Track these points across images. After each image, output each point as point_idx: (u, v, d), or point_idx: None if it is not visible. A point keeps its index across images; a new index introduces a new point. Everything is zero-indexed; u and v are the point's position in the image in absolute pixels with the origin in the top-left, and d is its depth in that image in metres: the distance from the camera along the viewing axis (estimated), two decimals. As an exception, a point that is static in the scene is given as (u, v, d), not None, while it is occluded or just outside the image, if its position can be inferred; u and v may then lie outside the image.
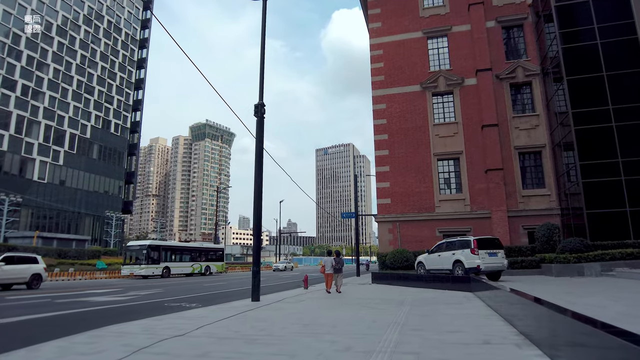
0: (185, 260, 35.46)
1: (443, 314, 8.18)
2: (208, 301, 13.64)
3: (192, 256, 36.40)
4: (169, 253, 33.99)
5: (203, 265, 36.84)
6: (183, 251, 36.18)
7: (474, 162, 24.62)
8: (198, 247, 38.82)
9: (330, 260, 14.23)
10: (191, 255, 36.35)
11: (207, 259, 38.07)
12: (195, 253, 37.33)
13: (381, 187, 25.79)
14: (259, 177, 12.96)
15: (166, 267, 32.69)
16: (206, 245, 42.17)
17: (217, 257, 39.60)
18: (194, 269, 35.90)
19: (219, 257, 39.98)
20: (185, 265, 35.19)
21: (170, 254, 34.07)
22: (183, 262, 35.10)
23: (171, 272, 33.04)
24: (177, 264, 34.13)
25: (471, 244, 15.13)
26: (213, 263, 38.45)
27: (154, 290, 18.38)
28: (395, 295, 12.90)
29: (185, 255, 35.87)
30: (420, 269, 18.01)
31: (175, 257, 34.59)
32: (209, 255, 38.70)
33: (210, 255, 38.78)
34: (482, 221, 23.65)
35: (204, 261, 37.46)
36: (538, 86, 25.00)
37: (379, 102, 26.83)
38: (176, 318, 8.56)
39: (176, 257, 34.68)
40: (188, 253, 36.39)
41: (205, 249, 39.36)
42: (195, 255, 37.10)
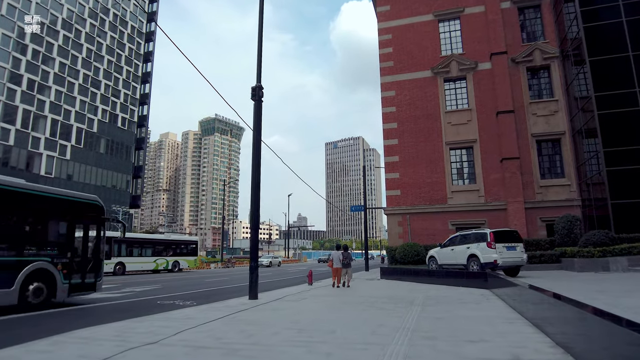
0: (147, 255, 31.20)
1: (459, 317, 7.13)
2: (204, 298, 12.79)
3: (155, 250, 32.09)
4: (123, 246, 29.32)
5: (170, 261, 32.79)
6: (144, 244, 31.97)
7: (489, 151, 23.33)
8: (164, 240, 34.56)
9: (338, 255, 14.01)
10: (155, 249, 32.07)
11: (176, 253, 33.96)
12: (161, 246, 32.93)
13: (390, 178, 24.66)
14: (256, 166, 11.99)
15: (120, 263, 28.29)
16: (175, 237, 37.47)
17: (189, 252, 35.45)
18: (158, 264, 31.69)
19: (191, 252, 35.82)
20: (147, 261, 30.87)
21: (126, 248, 29.56)
22: (144, 256, 30.83)
23: (126, 269, 28.75)
24: (135, 259, 29.95)
25: (487, 237, 14.00)
26: (183, 258, 34.40)
27: (152, 287, 17.61)
28: (405, 293, 11.87)
29: (147, 249, 31.62)
30: (432, 263, 16.93)
31: (133, 251, 30.30)
32: (178, 249, 34.51)
33: (180, 249, 34.58)
34: (497, 213, 22.41)
35: (172, 256, 33.35)
36: (557, 70, 23.55)
37: (388, 89, 25.62)
38: (160, 319, 7.67)
39: (134, 251, 30.43)
40: (150, 246, 32.10)
41: (173, 241, 35.06)
42: (161, 249, 32.71)
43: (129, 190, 68.61)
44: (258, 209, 11.73)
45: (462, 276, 13.57)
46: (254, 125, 12.17)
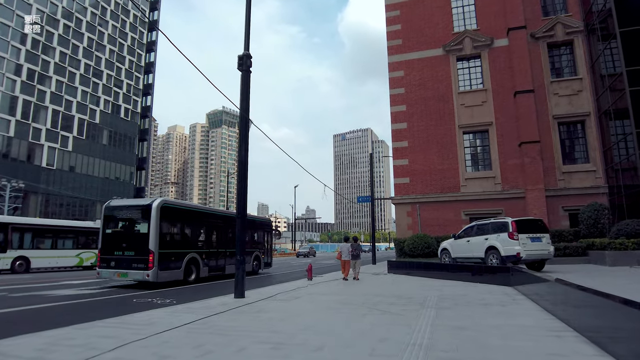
0: (67, 247, 23.96)
1: (486, 327, 5.52)
2: (190, 295, 11.38)
3: (79, 241, 24.59)
4: (29, 235, 22.23)
5: None
6: (60, 233, 24.03)
7: (506, 134, 21.51)
8: (92, 228, 25.24)
9: (346, 247, 13.69)
10: (78, 240, 24.53)
11: None
12: (87, 236, 25.07)
13: (399, 164, 22.96)
14: (244, 143, 10.44)
15: (20, 257, 21.42)
16: None
17: None
18: (83, 259, 24.50)
19: None
20: (64, 255, 23.70)
21: (33, 238, 22.39)
22: (60, 249, 23.64)
23: (32, 265, 21.86)
24: (46, 252, 22.87)
25: (509, 226, 12.32)
26: None
27: (140, 281, 16.22)
28: (415, 290, 10.29)
29: (67, 240, 24.20)
30: (445, 256, 15.30)
31: (43, 242, 23.14)
32: None
33: None
34: (515, 202, 20.65)
35: None
36: (581, 45, 21.56)
37: (396, 69, 23.82)
38: (112, 325, 6.25)
39: (45, 242, 23.23)
40: (72, 236, 24.39)
41: None
42: (86, 239, 25.01)
43: (133, 182, 67.66)
44: (245, 195, 10.19)
45: (480, 271, 11.94)
46: (240, 98, 10.61)
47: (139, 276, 13.10)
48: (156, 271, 13.02)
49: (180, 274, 14.22)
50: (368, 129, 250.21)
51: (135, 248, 13.41)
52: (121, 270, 13.34)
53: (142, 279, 13.06)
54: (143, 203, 14.61)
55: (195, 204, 25.74)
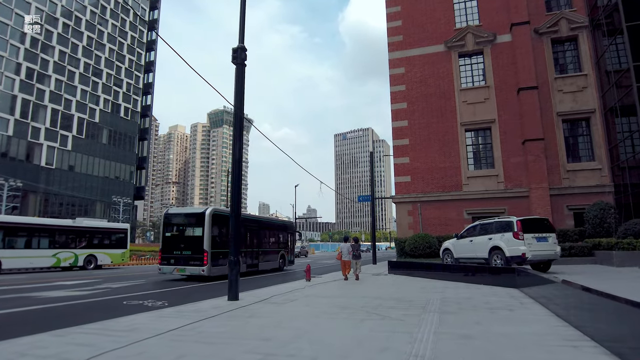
0: (42, 247, 22.79)
1: (495, 334, 5.10)
2: (183, 297, 11.02)
3: (56, 240, 23.46)
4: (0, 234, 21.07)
5: (81, 255, 24.34)
6: (35, 232, 22.93)
7: (509, 132, 21.06)
8: (70, 227, 24.58)
9: (347, 247, 13.58)
10: (55, 239, 23.42)
11: (93, 244, 25.44)
12: (65, 235, 24.06)
13: (400, 163, 22.53)
14: (238, 141, 10.04)
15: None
16: (94, 223, 26.95)
17: (114, 243, 26.95)
18: (61, 259, 23.25)
19: (118, 243, 27.13)
20: (39, 255, 22.45)
21: (4, 237, 21.15)
22: (35, 248, 22.44)
23: (2, 267, 20.54)
24: (19, 252, 21.66)
25: (514, 225, 11.88)
26: (104, 251, 25.97)
27: (134, 282, 15.83)
28: (417, 293, 9.86)
29: (42, 239, 23.07)
30: (447, 257, 14.87)
31: (16, 241, 21.95)
32: (95, 239, 25.81)
33: (99, 240, 25.98)
34: (518, 201, 20.21)
35: (85, 248, 24.81)
36: (586, 41, 21.10)
37: (397, 66, 23.38)
38: (94, 331, 5.88)
39: (19, 242, 22.03)
40: (47, 235, 23.22)
41: (87, 229, 25.49)
42: (66, 239, 24.02)
43: (133, 182, 67.33)
44: (239, 190, 9.79)
45: (484, 272, 11.51)
46: (235, 93, 10.18)
47: (196, 271, 15.50)
48: (209, 267, 15.44)
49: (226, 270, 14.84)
50: (369, 129, 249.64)
51: (192, 248, 15.88)
52: (180, 267, 15.88)
53: (198, 273, 15.43)
54: (198, 211, 16.83)
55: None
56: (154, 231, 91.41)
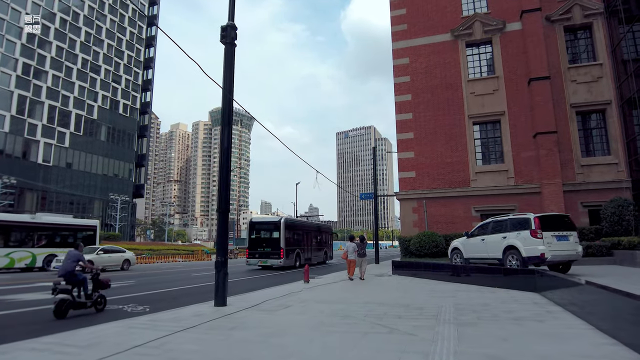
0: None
1: (532, 356, 4.07)
2: (167, 301, 10.05)
3: (9, 238, 21.31)
4: None
5: (40, 255, 21.86)
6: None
7: (520, 124, 19.98)
8: (29, 223, 22.35)
9: (352, 246, 13.41)
10: (8, 237, 21.27)
11: (55, 243, 22.77)
12: (22, 233, 21.91)
13: (404, 157, 21.47)
14: (227, 128, 9.05)
15: None
16: (56, 219, 24.75)
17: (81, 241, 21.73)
18: (15, 260, 21.03)
19: (86, 241, 23.68)
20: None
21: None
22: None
23: None
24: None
25: (531, 223, 10.82)
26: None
27: (123, 283, 14.86)
28: (426, 297, 8.84)
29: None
30: (456, 257, 13.83)
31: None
32: (58, 237, 23.17)
33: (62, 238, 23.31)
34: (529, 197, 19.14)
35: (46, 247, 22.26)
36: (601, 29, 19.96)
37: (401, 56, 22.30)
38: (47, 345, 4.98)
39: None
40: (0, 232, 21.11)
41: (50, 225, 22.99)
42: (21, 236, 21.85)
43: (132, 179, 66.45)
44: (228, 184, 8.79)
45: (499, 273, 10.48)
46: (224, 74, 9.20)
47: (275, 263, 21.30)
48: (284, 260, 21.35)
49: (293, 262, 22.37)
50: (371, 127, 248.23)
51: (271, 246, 21.66)
52: (263, 259, 21.67)
53: (277, 265, 21.28)
54: (275, 220, 23.06)
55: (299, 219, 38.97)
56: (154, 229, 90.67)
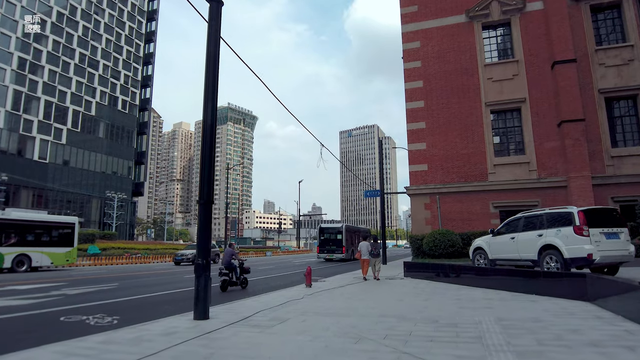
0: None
1: None
2: (143, 311, 8.52)
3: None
4: None
5: (9, 255, 19.77)
6: None
7: (542, 112, 18.27)
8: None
9: (366, 245, 13.00)
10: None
11: (27, 241, 20.83)
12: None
13: (415, 149, 19.80)
14: (211, 102, 7.46)
15: None
16: (28, 215, 22.70)
17: (57, 240, 22.15)
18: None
19: (62, 240, 22.28)
20: None
21: None
22: None
23: None
24: None
25: (575, 218, 9.13)
26: (42, 249, 21.26)
27: (103, 287, 13.28)
28: (453, 307, 7.18)
29: None
30: (479, 258, 12.15)
31: None
32: (30, 234, 21.10)
33: (35, 236, 21.27)
34: (554, 192, 17.44)
35: (14, 245, 20.16)
36: (631, 7, 18.21)
37: (411, 40, 20.62)
38: None
39: None
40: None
41: (20, 222, 20.91)
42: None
43: (131, 177, 65.00)
44: (212, 168, 7.18)
45: (536, 277, 8.80)
46: (208, 38, 7.60)
47: (338, 256, 29.64)
48: (347, 254, 29.37)
49: (349, 255, 29.70)
50: (374, 126, 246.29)
51: (336, 245, 30.30)
52: (329, 254, 30.20)
53: (339, 257, 29.50)
54: (338, 225, 33.11)
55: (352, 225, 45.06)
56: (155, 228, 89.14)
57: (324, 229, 32.03)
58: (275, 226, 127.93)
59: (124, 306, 9.19)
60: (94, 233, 39.55)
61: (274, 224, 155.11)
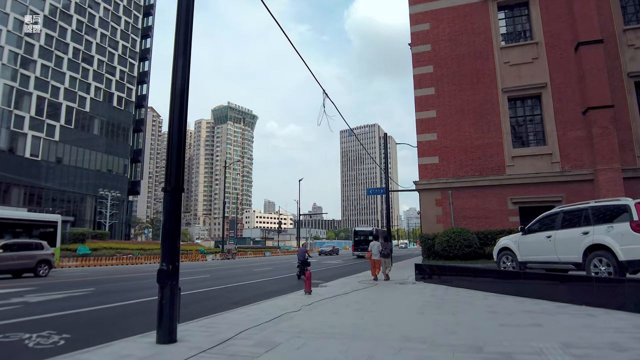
0: None
1: None
2: (101, 326, 6.91)
3: None
4: None
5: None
6: None
7: (565, 98, 16.63)
8: None
9: (377, 245, 12.69)
10: None
11: None
12: None
13: (425, 140, 18.16)
14: (182, 56, 5.83)
15: None
16: (4, 213, 20.81)
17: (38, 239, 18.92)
18: None
19: (43, 239, 18.83)
20: None
21: None
22: None
23: None
24: None
25: (632, 212, 7.50)
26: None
27: (75, 292, 11.65)
28: (491, 327, 5.50)
29: None
30: (506, 260, 10.51)
31: None
32: (5, 234, 18.79)
33: (11, 235, 18.82)
34: (579, 186, 15.80)
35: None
36: (663, -17, 16.58)
37: (420, 22, 18.99)
38: None
39: None
40: None
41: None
42: None
43: (127, 175, 63.35)
44: (182, 144, 5.54)
45: (586, 284, 7.17)
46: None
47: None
48: None
49: None
50: (375, 124, 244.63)
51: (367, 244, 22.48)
52: (362, 252, 33.36)
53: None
54: (370, 228, 40.26)
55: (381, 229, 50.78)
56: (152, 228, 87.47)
57: (357, 231, 39.65)
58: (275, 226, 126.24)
59: (82, 319, 7.57)
60: (84, 232, 37.95)
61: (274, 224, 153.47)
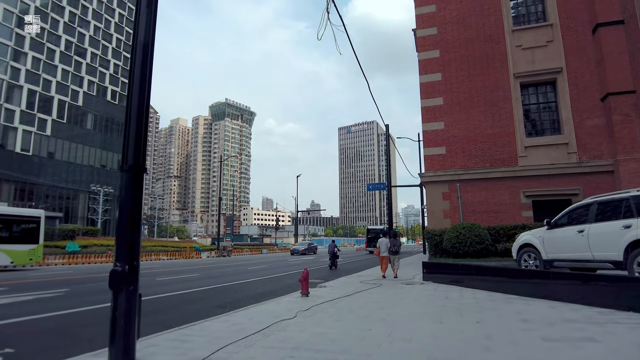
0: None
1: None
2: (58, 338, 5.77)
3: None
4: None
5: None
6: None
7: (583, 84, 15.49)
8: None
9: (385, 242, 12.50)
10: None
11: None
12: None
13: (430, 129, 17.00)
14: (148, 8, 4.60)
15: None
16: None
17: (18, 236, 19.36)
18: None
19: (24, 236, 19.54)
20: None
21: None
22: None
23: None
24: None
25: (687, 201, 6.38)
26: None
27: (49, 293, 10.47)
28: (533, 343, 4.21)
29: None
30: (528, 258, 9.38)
31: None
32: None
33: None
34: (598, 177, 14.68)
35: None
36: (687, -39, 15.40)
37: (425, 3, 17.80)
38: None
39: None
40: None
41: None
42: None
43: (121, 171, 62.04)
44: (146, 113, 4.35)
45: (633, 285, 6.05)
46: None
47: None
48: None
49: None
50: (374, 122, 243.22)
51: None
52: (372, 249, 31.09)
53: None
54: (381, 227, 44.51)
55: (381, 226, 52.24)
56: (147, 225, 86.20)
57: (370, 229, 43.99)
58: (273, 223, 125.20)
59: (38, 328, 6.41)
60: (74, 229, 36.75)
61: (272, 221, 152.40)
